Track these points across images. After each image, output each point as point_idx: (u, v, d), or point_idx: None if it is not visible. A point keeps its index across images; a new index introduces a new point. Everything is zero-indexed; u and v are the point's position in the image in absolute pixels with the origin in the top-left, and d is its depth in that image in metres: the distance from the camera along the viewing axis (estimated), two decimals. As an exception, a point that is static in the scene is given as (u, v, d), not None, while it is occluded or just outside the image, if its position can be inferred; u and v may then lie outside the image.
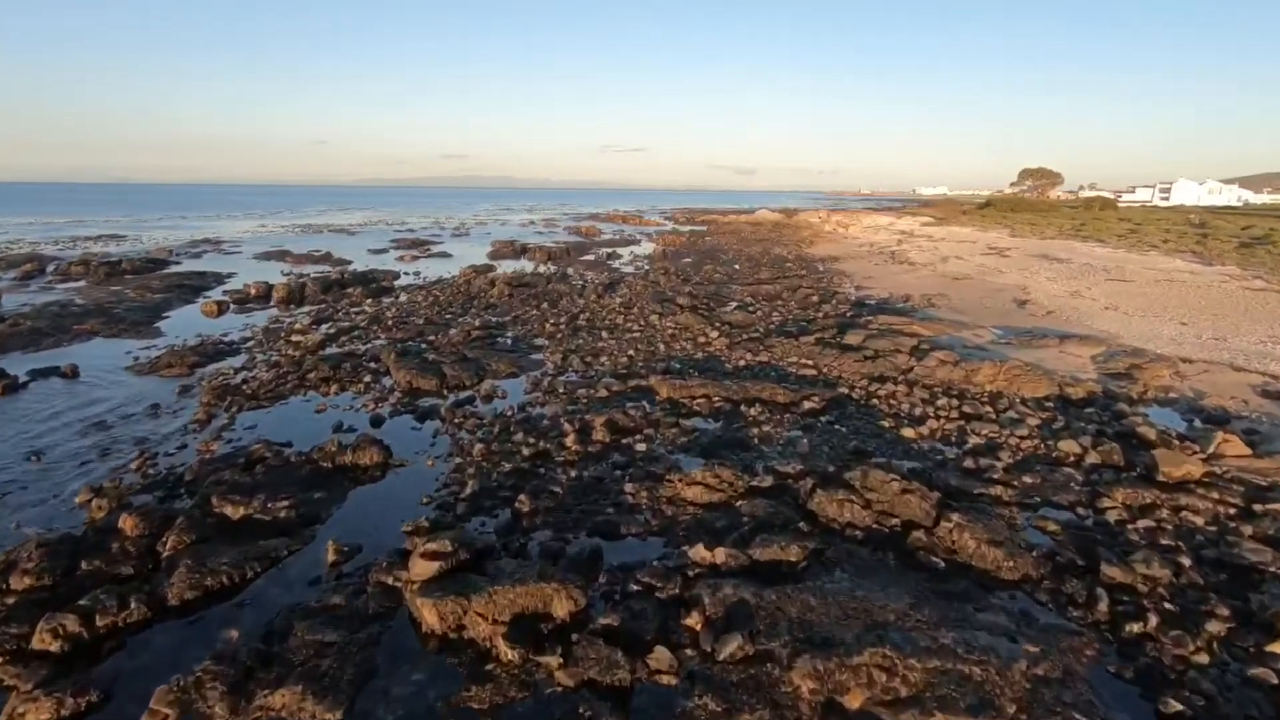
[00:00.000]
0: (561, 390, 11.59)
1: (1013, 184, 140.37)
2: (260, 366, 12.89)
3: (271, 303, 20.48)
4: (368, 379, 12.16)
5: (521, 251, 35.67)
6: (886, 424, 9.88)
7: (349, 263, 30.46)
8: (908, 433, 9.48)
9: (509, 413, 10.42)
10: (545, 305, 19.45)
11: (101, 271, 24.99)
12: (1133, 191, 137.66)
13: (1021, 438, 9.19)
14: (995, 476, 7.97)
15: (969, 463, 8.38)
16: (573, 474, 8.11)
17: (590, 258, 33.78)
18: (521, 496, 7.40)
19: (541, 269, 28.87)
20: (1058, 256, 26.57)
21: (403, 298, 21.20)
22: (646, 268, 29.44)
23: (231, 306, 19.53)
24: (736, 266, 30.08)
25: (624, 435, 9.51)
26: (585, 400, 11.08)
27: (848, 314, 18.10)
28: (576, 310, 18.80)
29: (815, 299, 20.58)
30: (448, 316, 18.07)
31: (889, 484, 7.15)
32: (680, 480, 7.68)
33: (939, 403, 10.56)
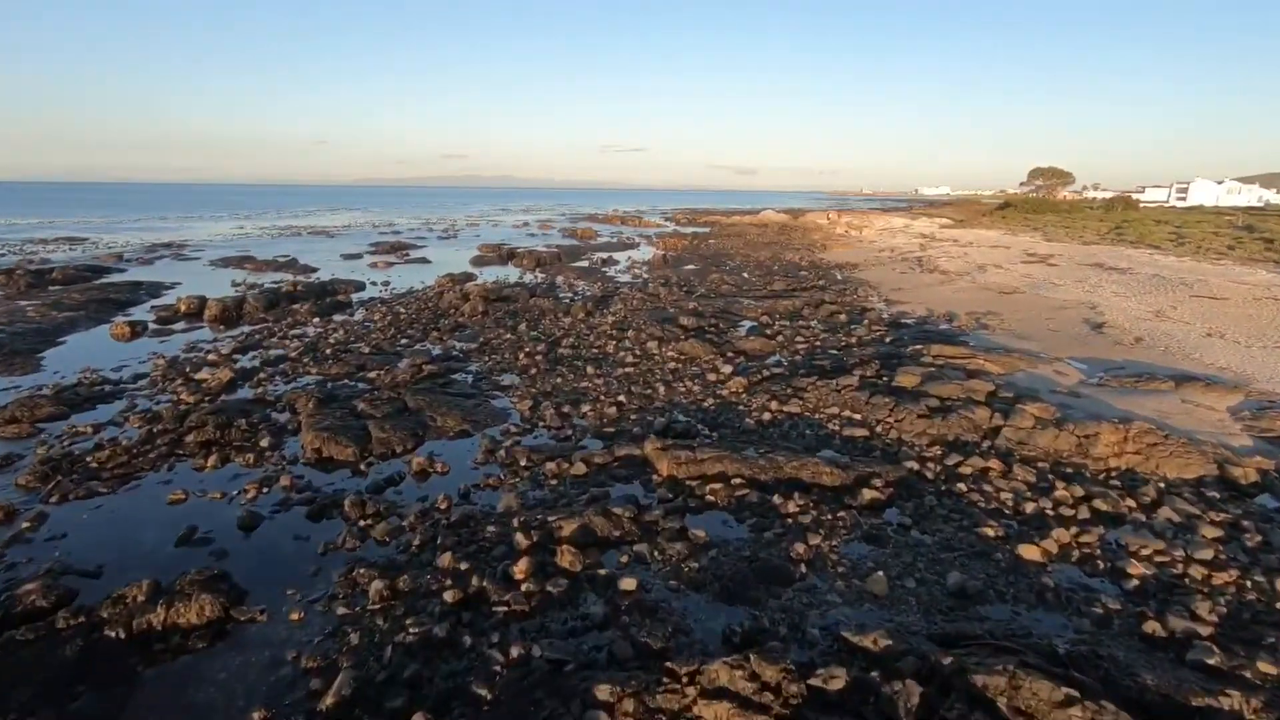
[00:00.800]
0: (524, 461, 8.47)
1: (1022, 184, 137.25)
2: (134, 420, 9.77)
3: (203, 321, 17.41)
4: (266, 442, 9.03)
5: (508, 257, 32.57)
6: (990, 531, 6.74)
7: (314, 271, 27.38)
8: (1028, 552, 6.35)
9: (443, 506, 7.30)
10: (523, 326, 16.34)
11: (24, 282, 21.88)
12: (1142, 191, 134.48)
13: (1207, 565, 6.06)
14: (1210, 661, 4.84)
15: (1151, 625, 5.25)
16: (515, 652, 4.98)
17: (583, 264, 30.68)
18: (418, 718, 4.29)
19: (527, 278, 25.78)
20: (1115, 265, 23.36)
21: (357, 315, 18.10)
22: (645, 276, 26.35)
23: (150, 328, 16.40)
24: (745, 275, 26.99)
25: (605, 550, 6.42)
26: (554, 480, 7.97)
27: (886, 338, 14.99)
28: (559, 333, 15.69)
29: (842, 317, 17.47)
30: (403, 342, 14.96)
31: (1065, 713, 4.03)
32: (690, 677, 4.56)
33: (1056, 493, 7.42)
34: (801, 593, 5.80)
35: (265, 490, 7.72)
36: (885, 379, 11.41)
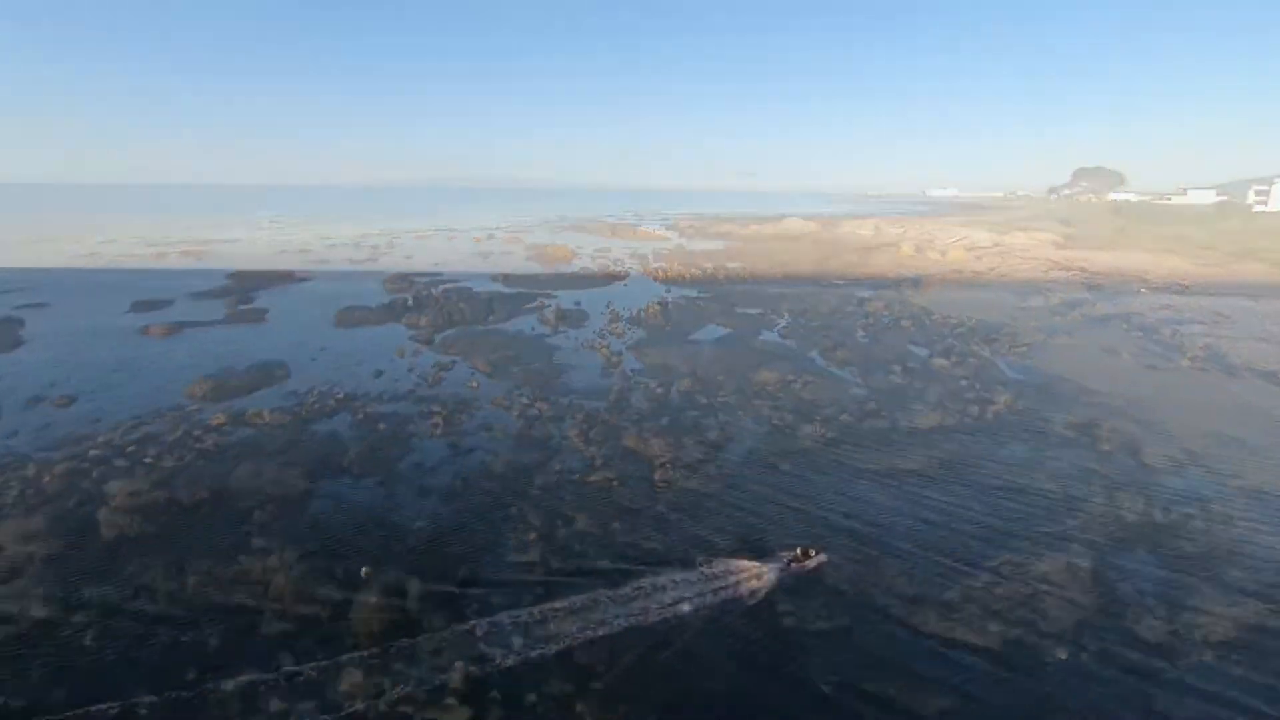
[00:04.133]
0: None
1: (1064, 185, 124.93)
2: None
3: None
4: None
5: (406, 309, 19.59)
6: None
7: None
8: None
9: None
10: None
11: None
12: (1184, 194, 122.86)
13: None
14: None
15: None
16: None
17: (525, 325, 17.75)
18: None
19: (402, 365, 12.91)
20: None
21: None
22: (628, 366, 13.48)
23: None
24: (816, 357, 14.08)
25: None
26: None
27: None
28: None
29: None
30: None
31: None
32: None
33: None
34: None
35: None
36: None
